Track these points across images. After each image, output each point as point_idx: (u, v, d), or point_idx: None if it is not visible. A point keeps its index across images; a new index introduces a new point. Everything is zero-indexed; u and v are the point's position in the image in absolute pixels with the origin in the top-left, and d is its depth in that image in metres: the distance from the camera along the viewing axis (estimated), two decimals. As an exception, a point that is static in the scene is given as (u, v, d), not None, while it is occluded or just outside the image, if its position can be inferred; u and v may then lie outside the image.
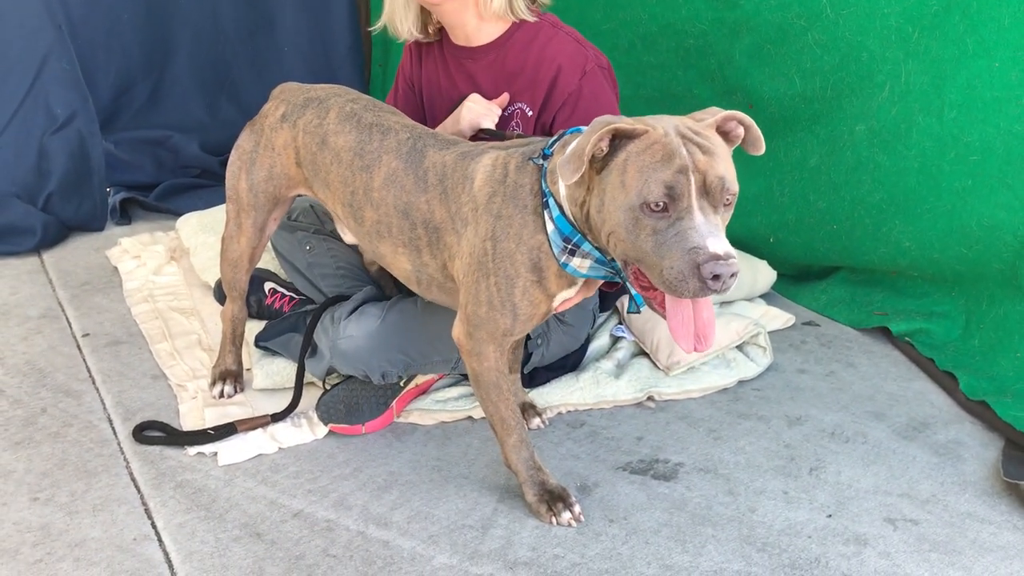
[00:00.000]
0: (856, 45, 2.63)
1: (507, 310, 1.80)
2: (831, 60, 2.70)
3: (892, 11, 2.52)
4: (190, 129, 4.13)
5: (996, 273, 2.50)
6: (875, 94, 2.62)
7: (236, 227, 2.27)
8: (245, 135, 2.25)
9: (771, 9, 2.81)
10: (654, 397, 2.43)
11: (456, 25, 2.34)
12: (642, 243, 1.53)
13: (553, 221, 1.71)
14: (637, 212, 1.52)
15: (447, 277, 1.94)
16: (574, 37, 2.34)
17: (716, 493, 2.04)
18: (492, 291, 1.79)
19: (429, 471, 2.13)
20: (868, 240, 2.76)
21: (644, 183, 1.51)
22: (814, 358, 2.66)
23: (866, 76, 2.64)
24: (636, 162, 1.53)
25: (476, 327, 1.85)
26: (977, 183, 2.42)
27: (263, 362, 2.50)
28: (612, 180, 1.56)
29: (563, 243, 1.71)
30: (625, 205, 1.54)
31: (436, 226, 1.89)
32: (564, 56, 2.29)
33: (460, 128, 2.30)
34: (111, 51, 3.96)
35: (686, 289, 1.49)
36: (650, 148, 1.53)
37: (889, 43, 2.56)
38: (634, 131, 1.55)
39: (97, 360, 2.64)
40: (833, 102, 2.72)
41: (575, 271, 1.74)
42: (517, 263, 1.76)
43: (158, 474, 2.11)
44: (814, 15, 2.70)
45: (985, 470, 2.12)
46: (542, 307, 1.82)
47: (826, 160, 2.77)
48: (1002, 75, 2.29)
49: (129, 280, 3.15)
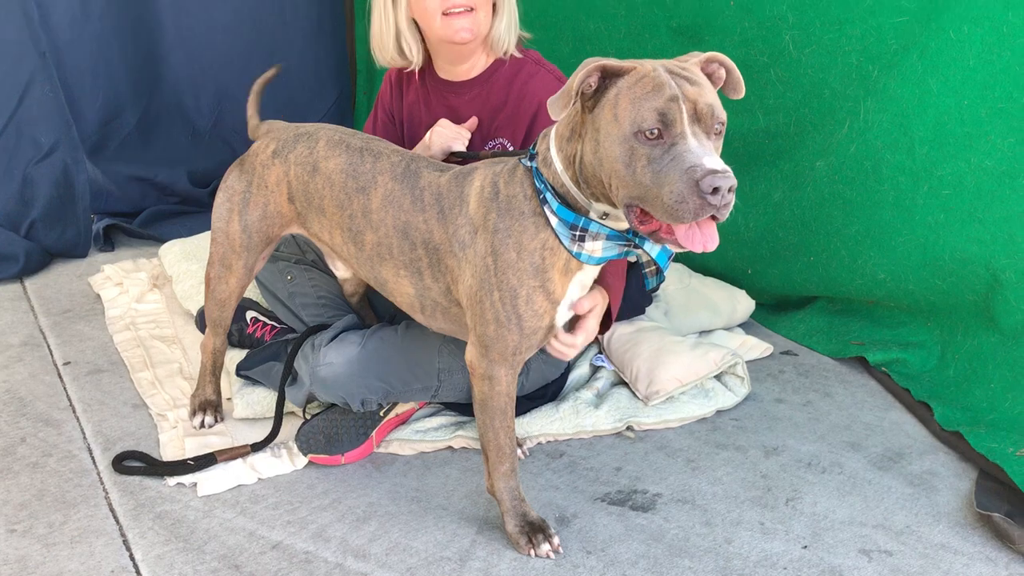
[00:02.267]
0: (818, 82, 2.70)
1: (513, 324, 1.81)
2: (793, 97, 2.75)
3: (853, 49, 2.59)
4: (177, 159, 4.14)
5: (970, 305, 2.54)
6: (835, 131, 2.68)
7: (225, 268, 2.26)
8: (234, 175, 2.24)
9: (735, 45, 2.88)
10: (633, 427, 2.44)
11: (458, 62, 2.37)
12: (640, 175, 1.55)
13: (555, 213, 1.73)
14: (632, 142, 1.55)
15: (451, 301, 1.95)
16: (555, 74, 2.38)
17: (693, 524, 2.06)
18: (497, 306, 1.80)
19: (408, 502, 2.13)
20: (844, 272, 2.79)
21: (637, 112, 1.54)
22: (792, 387, 2.68)
23: (827, 113, 2.70)
24: (627, 95, 1.57)
25: (487, 348, 1.86)
26: (949, 217, 2.46)
27: (243, 391, 2.50)
28: (604, 115, 1.59)
29: (570, 231, 1.73)
30: (619, 137, 1.56)
31: (435, 247, 1.91)
32: (544, 92, 2.32)
33: (431, 153, 2.32)
34: (97, 77, 3.97)
35: (687, 210, 1.49)
36: (640, 81, 1.57)
37: (850, 81, 2.63)
38: (622, 68, 1.59)
39: (78, 389, 2.64)
40: (795, 138, 2.78)
41: (589, 257, 1.75)
42: (520, 271, 1.77)
43: (137, 505, 2.11)
44: (777, 52, 2.77)
45: (959, 501, 2.14)
46: (546, 317, 1.83)
47: (789, 195, 2.83)
48: (971, 112, 2.34)
49: (111, 308, 3.15)
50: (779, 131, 2.78)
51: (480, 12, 2.24)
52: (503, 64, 2.37)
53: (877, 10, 2.51)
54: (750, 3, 2.82)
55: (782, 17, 2.73)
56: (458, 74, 2.40)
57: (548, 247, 1.77)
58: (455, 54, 2.34)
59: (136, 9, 4.01)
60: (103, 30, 3.91)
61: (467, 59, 2.35)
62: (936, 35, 2.36)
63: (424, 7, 2.24)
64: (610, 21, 3.28)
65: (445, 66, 2.41)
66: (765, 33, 2.80)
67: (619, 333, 2.71)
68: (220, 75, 4.27)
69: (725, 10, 2.89)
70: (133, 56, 4.05)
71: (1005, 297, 2.41)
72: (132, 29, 4.02)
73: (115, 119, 4.06)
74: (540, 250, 1.77)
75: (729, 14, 2.89)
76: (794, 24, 2.71)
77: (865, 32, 2.55)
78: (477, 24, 2.24)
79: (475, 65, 2.39)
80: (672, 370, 2.51)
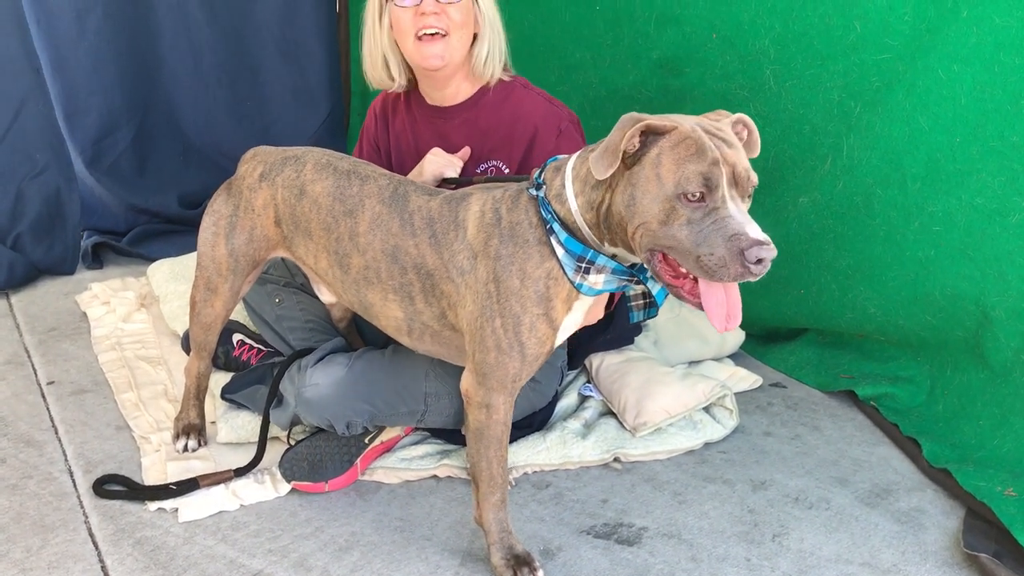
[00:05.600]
0: (798, 118, 2.71)
1: (515, 352, 1.80)
2: (773, 132, 2.76)
3: (834, 85, 2.60)
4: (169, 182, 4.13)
5: (960, 341, 2.53)
6: (817, 166, 2.69)
7: (210, 292, 2.24)
8: (221, 199, 2.22)
9: (715, 79, 2.89)
10: (620, 458, 2.43)
11: (438, 88, 2.37)
12: (676, 232, 1.57)
13: (562, 244, 1.73)
14: (674, 202, 1.56)
15: (444, 326, 1.94)
16: (544, 97, 2.39)
17: (679, 559, 2.04)
18: (499, 333, 1.79)
19: (392, 532, 2.11)
20: (835, 305, 2.79)
21: (682, 175, 1.55)
22: (780, 421, 2.67)
23: (808, 148, 2.71)
24: (671, 155, 1.57)
25: (486, 376, 1.84)
26: (940, 253, 2.47)
27: (228, 415, 2.48)
28: (646, 173, 1.59)
29: (576, 263, 1.73)
30: (661, 196, 1.57)
31: (429, 272, 1.89)
32: (538, 116, 2.33)
33: (423, 179, 2.32)
34: (92, 93, 3.95)
35: (726, 274, 1.53)
36: (683, 142, 1.57)
37: (831, 117, 2.64)
38: (664, 127, 1.59)
39: (61, 409, 2.61)
40: (775, 173, 2.78)
41: (590, 289, 1.76)
42: (523, 299, 1.76)
43: (117, 530, 2.08)
44: (757, 86, 2.78)
45: (946, 539, 2.13)
46: (547, 343, 1.82)
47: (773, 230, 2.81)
48: (963, 150, 2.34)
49: (97, 327, 3.13)
50: (758, 166, 2.79)
51: (453, 38, 2.23)
52: (490, 88, 2.37)
53: (859, 47, 2.51)
54: (732, 36, 2.83)
55: (764, 51, 2.74)
56: (444, 99, 2.40)
57: (553, 276, 1.76)
58: (431, 80, 2.35)
59: (130, 26, 4.00)
60: (98, 45, 3.89)
61: (446, 85, 2.35)
62: (924, 74, 2.37)
63: (399, 28, 2.25)
64: (596, 51, 3.29)
65: (430, 91, 2.41)
66: (746, 67, 2.81)
67: (608, 363, 2.70)
68: (211, 94, 4.27)
69: (707, 43, 2.90)
70: (128, 72, 4.04)
71: (995, 334, 2.41)
72: (127, 46, 4.00)
73: (109, 135, 4.03)
74: (544, 279, 1.76)
75: (711, 47, 2.90)
76: (775, 59, 2.72)
77: (847, 68, 2.56)
78: (450, 50, 2.24)
79: (459, 91, 2.39)
80: (660, 401, 2.50)
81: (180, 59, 4.19)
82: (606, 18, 3.21)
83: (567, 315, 1.81)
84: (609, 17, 3.20)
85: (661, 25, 3.03)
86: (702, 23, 2.90)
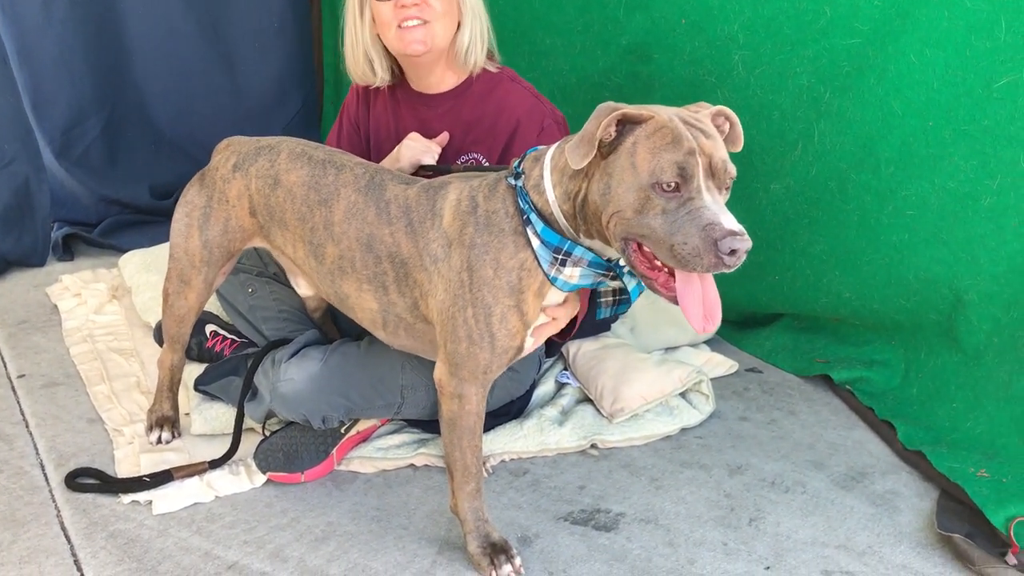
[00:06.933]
0: (768, 104, 2.71)
1: (486, 342, 1.78)
2: (742, 118, 2.71)
3: (804, 71, 2.60)
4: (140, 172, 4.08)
5: (933, 324, 2.55)
6: (787, 152, 2.69)
7: (183, 284, 2.22)
8: (194, 190, 2.19)
9: (683, 65, 2.89)
10: (597, 445, 2.43)
11: (423, 75, 2.35)
12: (650, 221, 1.56)
13: (539, 235, 1.72)
14: (648, 192, 1.55)
15: (417, 317, 1.92)
16: (531, 92, 2.37)
17: (656, 544, 2.04)
18: (471, 323, 1.77)
19: (368, 522, 2.10)
20: (810, 290, 2.80)
21: (656, 163, 1.54)
22: (756, 405, 2.68)
23: (777, 135, 2.72)
24: (646, 144, 1.57)
25: (457, 366, 1.83)
26: (914, 237, 2.48)
27: (202, 407, 2.46)
28: (621, 163, 1.58)
29: (552, 255, 1.72)
30: (635, 185, 1.56)
31: (403, 260, 1.88)
32: (522, 110, 2.32)
33: (400, 165, 2.30)
34: (60, 83, 3.88)
35: (699, 264, 1.52)
36: (659, 131, 1.57)
37: (801, 103, 2.64)
38: (640, 116, 1.59)
39: (32, 402, 2.58)
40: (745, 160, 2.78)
41: (564, 283, 1.74)
42: (496, 288, 1.75)
43: (90, 523, 2.06)
44: (725, 72, 2.78)
45: (920, 521, 2.14)
46: (518, 338, 1.81)
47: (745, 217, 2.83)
48: (936, 134, 2.35)
49: (68, 319, 3.09)
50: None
51: (436, 25, 2.22)
52: (477, 79, 2.36)
53: (829, 32, 2.51)
54: (701, 22, 2.82)
55: (732, 37, 2.74)
56: (429, 87, 2.39)
57: (526, 267, 1.75)
58: (415, 67, 2.33)
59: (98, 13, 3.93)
60: (64, 34, 3.83)
61: (430, 72, 2.34)
62: (896, 58, 2.38)
63: (381, 20, 2.24)
64: (566, 37, 3.28)
65: (415, 79, 2.40)
66: (715, 53, 2.80)
67: (585, 349, 2.70)
68: (183, 83, 4.21)
69: (676, 29, 2.89)
70: (96, 61, 3.97)
71: (967, 317, 2.43)
72: (95, 34, 3.93)
73: (78, 125, 3.97)
74: (518, 270, 1.75)
75: (680, 32, 2.89)
76: (744, 44, 2.71)
77: (817, 53, 2.56)
78: (431, 37, 2.23)
79: (443, 79, 2.37)
80: (637, 387, 2.50)
81: (151, 48, 4.12)
82: (576, 4, 3.20)
83: (537, 311, 1.80)
84: (579, 3, 3.19)
85: (630, 11, 3.03)
86: (671, 9, 2.89)
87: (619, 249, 1.64)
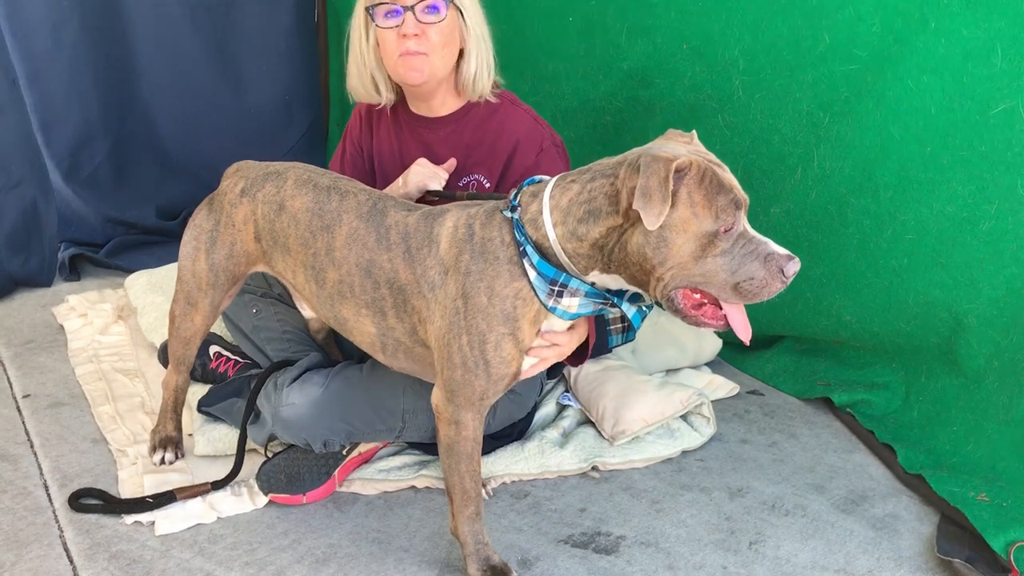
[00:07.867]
0: (767, 128, 2.73)
1: (480, 370, 1.79)
2: (741, 142, 2.78)
3: (803, 96, 2.62)
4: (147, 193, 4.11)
5: (933, 348, 2.56)
6: (787, 177, 2.71)
7: (190, 306, 2.24)
8: (203, 214, 2.22)
9: (684, 89, 2.91)
10: (598, 467, 2.44)
11: (424, 100, 2.38)
12: (710, 265, 1.61)
13: (535, 267, 1.73)
14: (712, 237, 1.60)
15: (415, 342, 1.94)
16: (531, 115, 2.40)
17: (656, 568, 2.05)
18: (465, 351, 1.79)
19: (369, 544, 2.11)
20: (810, 313, 2.81)
21: (718, 208, 1.59)
22: (757, 428, 2.69)
23: (777, 159, 2.74)
24: (699, 192, 1.60)
25: (453, 392, 1.84)
26: (913, 261, 2.49)
27: (205, 428, 2.47)
28: (680, 214, 1.60)
29: (548, 287, 1.73)
30: (698, 233, 1.60)
31: (401, 286, 1.89)
32: (521, 132, 2.34)
33: (407, 191, 2.32)
34: (70, 105, 3.92)
35: (766, 294, 1.62)
36: (704, 176, 1.60)
37: (800, 127, 2.66)
38: (684, 165, 1.60)
39: (37, 423, 2.60)
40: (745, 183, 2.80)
41: (564, 313, 1.76)
42: (490, 316, 1.76)
43: (92, 544, 2.07)
44: (725, 97, 2.80)
45: (920, 545, 2.15)
46: (513, 365, 1.82)
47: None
48: (934, 159, 2.37)
49: (74, 339, 3.11)
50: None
51: (434, 57, 2.23)
52: (477, 106, 2.38)
53: (828, 57, 2.54)
54: (702, 47, 2.85)
55: (733, 62, 2.76)
56: (431, 110, 2.41)
57: (521, 297, 1.76)
58: (415, 94, 2.36)
59: (108, 38, 3.98)
60: (74, 57, 3.87)
61: (431, 98, 2.36)
62: (894, 85, 2.40)
63: (384, 47, 2.26)
64: (569, 62, 3.31)
65: (415, 104, 2.42)
66: (715, 78, 2.83)
67: (586, 372, 2.71)
68: (190, 105, 4.25)
69: (677, 53, 2.92)
70: (105, 83, 4.01)
71: (967, 341, 2.43)
72: (104, 57, 3.98)
73: (86, 146, 4.00)
74: (512, 298, 1.76)
75: (681, 57, 2.91)
76: (745, 70, 2.74)
77: (816, 79, 2.58)
78: (431, 67, 2.24)
79: (445, 104, 2.40)
80: (638, 410, 2.51)
81: (159, 70, 4.16)
82: (579, 29, 3.23)
83: (533, 338, 1.81)
84: (582, 28, 3.22)
85: (632, 36, 3.05)
86: (673, 34, 2.92)
87: (664, 299, 1.67)
